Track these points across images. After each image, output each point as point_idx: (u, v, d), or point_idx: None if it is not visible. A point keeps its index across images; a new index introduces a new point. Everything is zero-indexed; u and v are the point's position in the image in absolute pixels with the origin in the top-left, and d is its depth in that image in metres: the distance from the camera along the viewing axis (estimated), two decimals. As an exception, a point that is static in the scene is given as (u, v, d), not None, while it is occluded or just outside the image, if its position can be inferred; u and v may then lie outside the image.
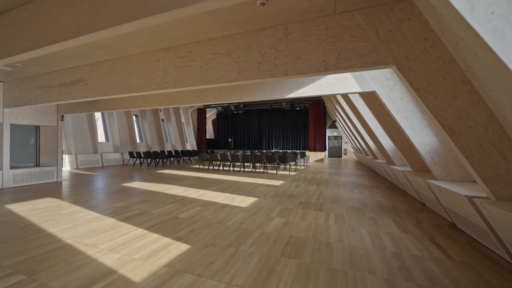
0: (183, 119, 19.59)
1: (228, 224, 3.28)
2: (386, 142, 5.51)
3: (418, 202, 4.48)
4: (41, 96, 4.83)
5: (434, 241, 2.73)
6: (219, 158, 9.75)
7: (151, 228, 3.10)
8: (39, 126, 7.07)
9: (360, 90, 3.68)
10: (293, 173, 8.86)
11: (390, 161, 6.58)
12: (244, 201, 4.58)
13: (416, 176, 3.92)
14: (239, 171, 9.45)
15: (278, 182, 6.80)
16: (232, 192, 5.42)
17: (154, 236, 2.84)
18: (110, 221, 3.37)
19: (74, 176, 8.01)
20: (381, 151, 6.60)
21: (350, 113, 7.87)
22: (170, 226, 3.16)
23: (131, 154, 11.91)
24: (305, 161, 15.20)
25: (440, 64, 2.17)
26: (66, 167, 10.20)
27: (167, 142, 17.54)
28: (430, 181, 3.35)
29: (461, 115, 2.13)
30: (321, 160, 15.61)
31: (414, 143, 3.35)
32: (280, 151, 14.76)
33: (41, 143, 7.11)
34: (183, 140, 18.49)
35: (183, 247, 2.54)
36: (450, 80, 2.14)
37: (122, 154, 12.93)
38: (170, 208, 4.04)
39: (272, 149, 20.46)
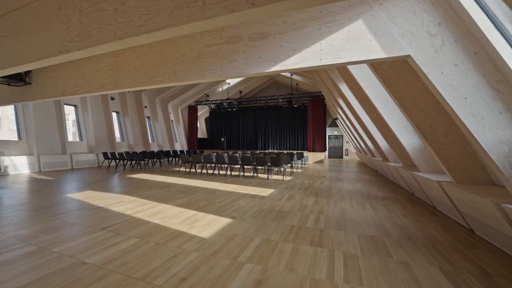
0: (172, 117, 18.18)
1: (158, 282, 1.88)
2: (408, 139, 4.13)
3: (459, 225, 3.10)
4: None
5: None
6: (202, 160, 8.35)
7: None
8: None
9: (384, 56, 2.30)
10: (287, 178, 7.48)
11: (408, 165, 5.19)
12: (210, 225, 3.19)
13: (481, 196, 2.54)
14: (225, 175, 8.06)
15: (267, 191, 5.41)
16: (200, 208, 4.02)
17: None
18: (-38, 273, 1.98)
19: (21, 182, 6.59)
20: (396, 152, 5.22)
21: (355, 102, 6.48)
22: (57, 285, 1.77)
23: (105, 155, 10.51)
24: (303, 162, 13.81)
25: None
26: (25, 170, 8.78)
27: (153, 141, 16.12)
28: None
29: None
30: (321, 162, 14.23)
31: (481, 142, 1.96)
32: (276, 151, 13.36)
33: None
34: (171, 140, 17.09)
35: None
36: None
37: (97, 155, 11.52)
38: (93, 240, 2.65)
39: (268, 150, 19.07)
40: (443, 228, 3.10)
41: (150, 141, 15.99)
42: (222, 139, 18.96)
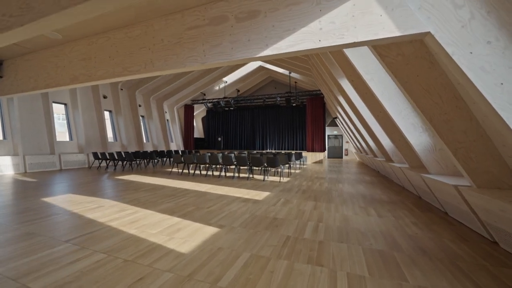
0: (168, 116, 17.75)
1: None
2: (417, 137, 3.74)
3: (479, 236, 2.70)
4: None
5: None
6: (195, 160, 7.93)
7: None
8: None
9: (398, 34, 1.89)
10: (285, 180, 7.07)
11: (416, 166, 4.79)
12: (193, 236, 2.77)
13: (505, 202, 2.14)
14: (219, 176, 7.64)
15: (261, 194, 4.99)
16: (186, 214, 3.60)
17: None
18: None
19: (1, 184, 6.16)
20: (402, 152, 4.82)
21: (357, 99, 6.10)
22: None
23: (95, 156, 10.07)
24: (302, 163, 13.41)
25: None
26: (9, 171, 8.33)
27: (148, 141, 15.68)
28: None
29: None
30: (320, 162, 13.83)
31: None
32: (273, 151, 12.96)
33: None
34: (167, 140, 16.66)
35: None
36: None
37: (87, 155, 11.08)
38: (49, 257, 2.23)
39: (267, 150, 18.67)
40: (460, 240, 2.69)
41: (145, 141, 15.55)
42: (219, 139, 18.53)
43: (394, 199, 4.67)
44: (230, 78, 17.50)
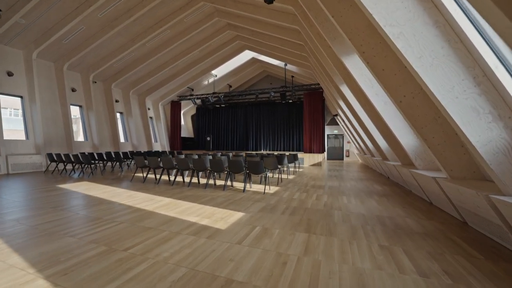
0: (152, 113, 16.12)
1: None
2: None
3: None
4: None
5: None
6: (160, 164, 6.32)
7: None
8: None
9: None
10: (272, 189, 5.46)
11: (458, 176, 3.20)
12: None
13: None
14: (189, 184, 6.03)
15: (229, 218, 3.39)
16: (68, 269, 1.99)
17: None
18: None
19: None
20: (438, 157, 3.23)
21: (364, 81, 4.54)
22: None
23: (50, 157, 8.46)
24: (297, 165, 11.81)
25: None
26: None
27: (127, 141, 14.04)
28: None
29: None
30: (319, 164, 12.22)
31: None
32: (265, 153, 11.35)
33: None
34: (149, 139, 15.04)
35: None
36: None
37: (46, 156, 9.45)
38: None
39: (261, 150, 17.05)
40: None
41: (123, 141, 13.93)
42: (208, 139, 16.92)
43: (430, 228, 3.06)
44: (220, 72, 15.90)
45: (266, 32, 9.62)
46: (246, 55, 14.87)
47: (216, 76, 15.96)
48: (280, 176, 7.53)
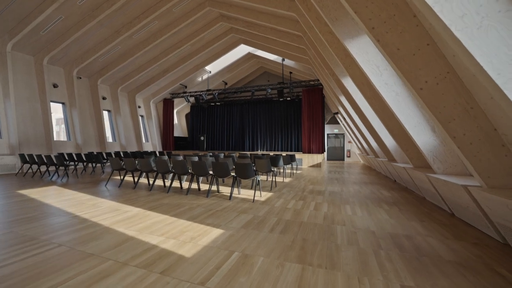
0: (143, 112, 15.36)
1: None
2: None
3: None
4: None
5: None
6: (138, 167, 5.56)
7: None
8: None
9: None
10: (265, 195, 4.72)
11: (495, 185, 2.46)
12: None
13: None
14: (168, 190, 5.28)
15: (204, 238, 2.64)
16: None
17: None
18: None
19: None
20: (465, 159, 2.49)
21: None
22: None
23: (22, 158, 7.70)
24: (295, 167, 11.06)
25: None
26: None
27: (115, 141, 13.28)
28: None
29: None
30: (318, 166, 11.48)
31: None
32: (260, 153, 10.61)
33: None
34: (139, 139, 14.28)
35: None
36: None
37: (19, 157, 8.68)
38: None
39: (257, 151, 16.31)
40: None
41: (111, 140, 13.17)
42: (202, 138, 16.16)
43: (463, 253, 2.31)
44: (214, 68, 15.16)
45: (261, 22, 8.87)
46: (242, 50, 14.12)
47: (210, 72, 15.21)
48: (274, 179, 6.78)
